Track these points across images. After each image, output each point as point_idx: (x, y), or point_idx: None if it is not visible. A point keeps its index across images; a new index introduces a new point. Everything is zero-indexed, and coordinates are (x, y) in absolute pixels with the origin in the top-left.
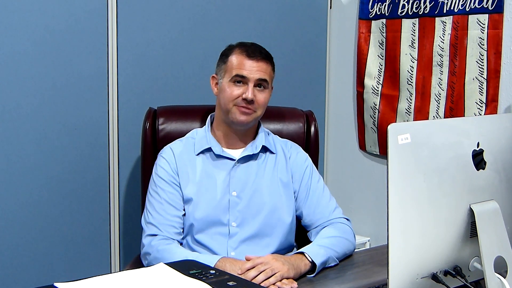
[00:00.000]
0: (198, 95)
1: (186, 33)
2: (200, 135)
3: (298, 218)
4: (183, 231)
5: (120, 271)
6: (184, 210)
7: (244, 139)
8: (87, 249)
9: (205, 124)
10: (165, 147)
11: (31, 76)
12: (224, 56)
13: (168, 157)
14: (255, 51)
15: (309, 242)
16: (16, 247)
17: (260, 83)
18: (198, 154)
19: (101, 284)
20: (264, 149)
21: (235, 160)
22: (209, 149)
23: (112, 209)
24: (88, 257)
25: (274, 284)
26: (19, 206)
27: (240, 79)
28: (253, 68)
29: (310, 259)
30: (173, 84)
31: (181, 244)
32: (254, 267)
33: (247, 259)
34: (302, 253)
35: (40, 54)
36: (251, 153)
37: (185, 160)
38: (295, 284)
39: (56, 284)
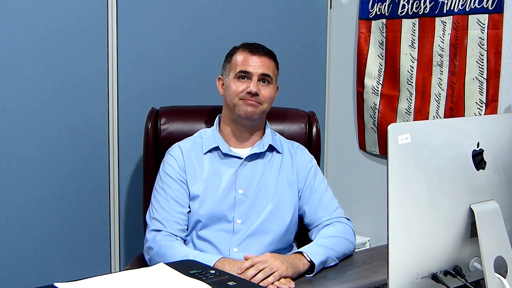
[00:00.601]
0: (198, 95)
1: (186, 33)
2: (208, 135)
3: (301, 217)
4: (187, 228)
5: (120, 271)
6: (189, 207)
7: (252, 138)
8: (87, 249)
9: (210, 125)
10: (173, 145)
11: (31, 76)
12: (229, 56)
13: (176, 154)
14: (257, 48)
15: (310, 241)
16: (16, 247)
17: (264, 78)
18: (205, 153)
19: (101, 284)
20: (271, 149)
21: (242, 158)
22: (216, 148)
23: (112, 209)
24: (88, 257)
25: (272, 283)
26: (19, 206)
27: (244, 75)
28: (256, 64)
29: (308, 259)
30: (172, 84)
31: (184, 241)
32: (253, 266)
33: (246, 259)
34: (301, 252)
35: (40, 54)
36: (259, 151)
37: (193, 158)
38: (292, 284)
39: (56, 284)
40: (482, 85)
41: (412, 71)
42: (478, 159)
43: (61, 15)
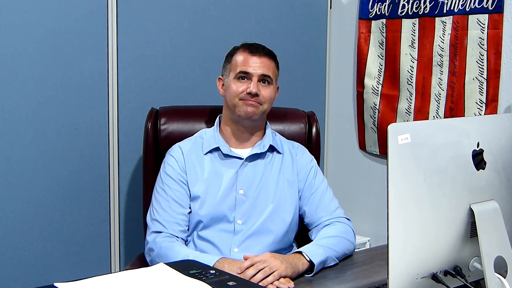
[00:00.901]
0: (198, 95)
1: (186, 33)
2: (208, 135)
3: (301, 217)
4: (188, 229)
5: (120, 271)
6: (190, 208)
7: (252, 138)
8: (87, 249)
9: (210, 125)
10: (174, 145)
11: (31, 76)
12: (229, 56)
13: (177, 155)
14: (258, 48)
15: (310, 241)
16: (16, 247)
17: (264, 79)
18: (206, 154)
19: (101, 284)
20: (271, 149)
21: (243, 159)
22: (217, 149)
23: (112, 209)
24: (88, 257)
25: (271, 283)
26: (19, 206)
27: (244, 75)
28: (256, 64)
29: (308, 259)
30: (172, 84)
31: (186, 241)
32: (252, 265)
33: (245, 258)
34: (300, 252)
35: (40, 54)
36: (259, 152)
37: (193, 158)
38: (291, 283)
39: (56, 284)
40: (482, 85)
41: (412, 71)
42: (478, 159)
43: (61, 15)
